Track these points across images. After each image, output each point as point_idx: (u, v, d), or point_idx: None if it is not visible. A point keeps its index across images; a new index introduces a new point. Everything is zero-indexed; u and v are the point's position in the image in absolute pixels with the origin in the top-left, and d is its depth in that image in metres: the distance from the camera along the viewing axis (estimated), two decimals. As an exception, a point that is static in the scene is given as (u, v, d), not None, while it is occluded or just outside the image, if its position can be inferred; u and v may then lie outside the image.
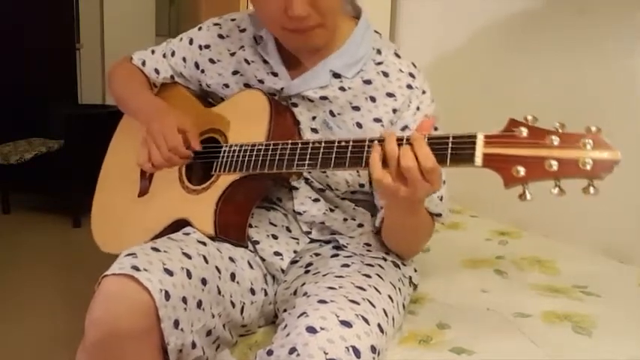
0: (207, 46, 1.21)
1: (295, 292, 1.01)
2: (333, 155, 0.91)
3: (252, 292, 1.05)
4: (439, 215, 1.09)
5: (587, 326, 1.07)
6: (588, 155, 0.70)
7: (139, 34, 4.10)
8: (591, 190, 0.71)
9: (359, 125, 1.07)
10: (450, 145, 0.80)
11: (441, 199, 1.07)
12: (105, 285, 0.87)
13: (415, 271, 1.15)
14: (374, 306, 0.89)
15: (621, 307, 1.17)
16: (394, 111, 1.07)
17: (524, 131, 0.74)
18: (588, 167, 0.70)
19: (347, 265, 1.02)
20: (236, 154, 1.04)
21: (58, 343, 1.88)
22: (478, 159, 0.76)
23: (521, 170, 0.73)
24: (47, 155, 3.34)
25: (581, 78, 1.55)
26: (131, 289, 0.86)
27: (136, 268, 0.87)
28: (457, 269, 1.37)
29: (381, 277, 1.00)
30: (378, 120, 1.07)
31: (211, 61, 1.20)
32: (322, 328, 0.80)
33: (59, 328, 2.03)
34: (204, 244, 1.01)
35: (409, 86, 1.07)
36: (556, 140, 0.72)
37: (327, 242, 1.14)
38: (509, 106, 1.70)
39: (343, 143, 0.90)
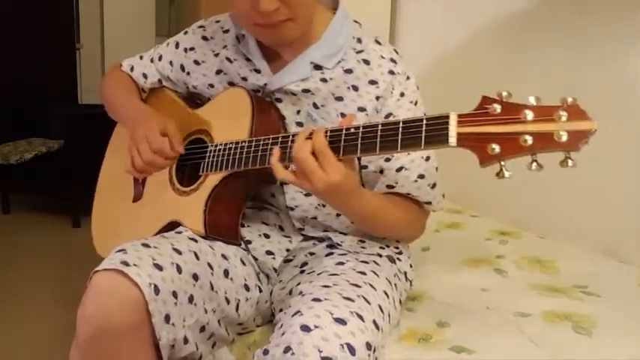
0: (192, 49, 1.21)
1: (291, 292, 1.01)
2: None
3: (247, 288, 1.05)
4: (429, 203, 1.09)
5: (587, 326, 1.07)
6: (563, 127, 0.69)
7: (139, 34, 4.10)
8: (569, 162, 0.70)
9: (343, 116, 1.06)
10: (423, 127, 0.80)
11: (432, 187, 1.08)
12: (96, 280, 0.88)
13: (411, 266, 1.14)
14: (369, 302, 0.89)
15: (621, 307, 1.17)
16: (377, 98, 1.06)
17: (498, 108, 0.74)
18: (564, 139, 0.69)
19: (342, 264, 1.02)
20: (221, 153, 1.05)
21: (58, 342, 1.86)
22: (452, 139, 0.76)
23: (496, 147, 0.73)
24: (47, 155, 3.34)
25: (581, 78, 1.54)
26: (121, 285, 0.86)
27: (126, 264, 0.87)
28: (457, 268, 1.37)
29: (376, 274, 1.00)
30: (362, 109, 1.06)
31: (196, 62, 1.20)
32: (316, 326, 0.80)
33: (59, 328, 2.02)
34: (195, 241, 1.02)
35: (391, 72, 1.07)
36: (530, 115, 0.72)
37: (321, 240, 1.13)
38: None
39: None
